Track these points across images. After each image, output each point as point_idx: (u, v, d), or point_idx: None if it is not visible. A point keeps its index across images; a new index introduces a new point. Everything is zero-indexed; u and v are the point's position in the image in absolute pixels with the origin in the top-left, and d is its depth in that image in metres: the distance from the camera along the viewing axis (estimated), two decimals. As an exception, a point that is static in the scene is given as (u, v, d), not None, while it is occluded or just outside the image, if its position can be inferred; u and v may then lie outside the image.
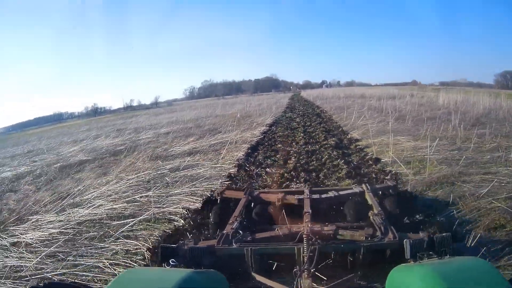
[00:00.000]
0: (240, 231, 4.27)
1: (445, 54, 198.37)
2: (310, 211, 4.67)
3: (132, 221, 6.03)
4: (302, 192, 5.60)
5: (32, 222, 6.63)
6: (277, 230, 4.34)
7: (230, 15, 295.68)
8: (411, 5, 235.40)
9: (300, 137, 13.93)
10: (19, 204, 8.24)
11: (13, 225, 6.70)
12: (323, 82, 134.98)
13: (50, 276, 4.36)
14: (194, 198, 7.05)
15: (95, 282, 4.42)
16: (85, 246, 5.33)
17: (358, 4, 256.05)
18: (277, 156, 10.85)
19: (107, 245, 5.22)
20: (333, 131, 15.04)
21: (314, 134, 14.68)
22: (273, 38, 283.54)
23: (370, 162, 9.13)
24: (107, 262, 4.71)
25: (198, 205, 6.56)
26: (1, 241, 5.84)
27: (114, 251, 5.07)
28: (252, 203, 5.51)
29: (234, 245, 3.90)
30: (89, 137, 23.44)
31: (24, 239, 5.81)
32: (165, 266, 3.29)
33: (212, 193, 6.69)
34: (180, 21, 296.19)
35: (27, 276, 4.58)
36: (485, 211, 5.39)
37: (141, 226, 5.87)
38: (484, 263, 2.02)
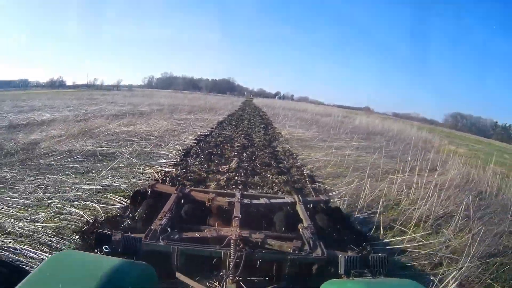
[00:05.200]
0: (168, 228, 4.43)
1: (407, 88, 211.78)
2: (240, 216, 4.84)
3: (184, 131, 16.68)
4: (233, 195, 5.86)
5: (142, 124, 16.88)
6: (206, 231, 4.57)
7: (196, 13, 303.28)
8: (378, 34, 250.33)
9: (246, 123, 25.47)
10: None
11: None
12: (276, 94, 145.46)
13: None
14: (201, 129, 17.82)
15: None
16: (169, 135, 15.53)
17: (327, 24, 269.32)
18: (233, 126, 22.07)
19: (178, 137, 15.45)
20: (265, 123, 26.47)
21: (254, 122, 26.38)
22: (237, 43, 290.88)
23: (275, 132, 20.50)
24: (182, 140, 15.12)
25: (206, 130, 17.51)
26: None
27: (186, 134, 15.62)
28: (182, 200, 5.74)
29: (161, 242, 4.05)
30: (98, 103, 32.77)
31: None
32: (97, 252, 3.02)
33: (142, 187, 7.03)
34: (148, 10, 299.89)
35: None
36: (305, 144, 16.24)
37: (188, 132, 16.41)
38: (418, 286, 2.19)
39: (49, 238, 5.28)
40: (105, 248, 3.06)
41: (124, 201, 6.93)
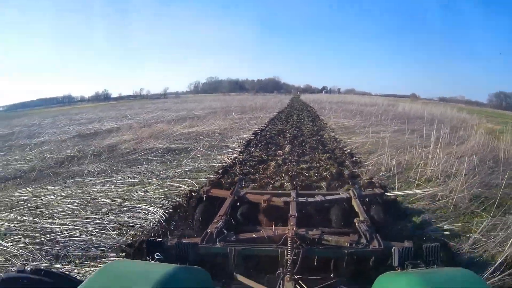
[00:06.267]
0: (225, 231, 4.52)
1: (451, 71, 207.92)
2: (296, 214, 4.94)
3: (241, 128, 19.25)
4: (288, 195, 5.98)
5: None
6: (262, 231, 4.62)
7: (236, 15, 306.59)
8: (420, 21, 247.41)
9: (295, 118, 27.72)
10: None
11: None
12: (323, 88, 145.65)
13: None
14: (256, 126, 20.40)
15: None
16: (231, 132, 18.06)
17: (369, 16, 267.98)
18: (284, 121, 24.52)
19: (237, 133, 17.95)
20: (313, 117, 28.61)
21: (303, 117, 28.56)
22: (280, 40, 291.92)
23: (322, 124, 22.82)
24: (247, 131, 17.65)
25: (261, 126, 20.13)
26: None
27: (244, 130, 18.18)
28: (238, 203, 5.93)
29: (218, 244, 4.15)
30: (152, 111, 36.09)
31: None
32: (149, 260, 3.36)
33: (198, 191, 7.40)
34: (188, 16, 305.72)
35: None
36: (350, 133, 18.44)
37: (244, 129, 18.92)
38: (472, 274, 2.11)
39: (159, 200, 7.39)
40: (157, 255, 3.38)
41: (207, 176, 9.35)
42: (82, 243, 5.50)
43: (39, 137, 19.19)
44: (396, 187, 8.45)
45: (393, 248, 3.74)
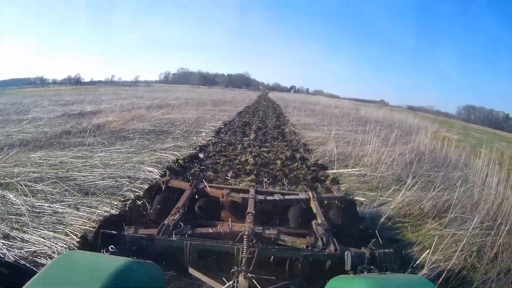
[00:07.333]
0: (181, 224, 4.48)
1: (422, 82, 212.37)
2: (253, 211, 4.96)
3: (212, 118, 21.54)
4: (247, 191, 5.98)
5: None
6: (219, 227, 4.66)
7: (209, 9, 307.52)
8: (395, 31, 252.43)
9: (261, 113, 30.05)
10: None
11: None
12: (292, 87, 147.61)
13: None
14: (225, 117, 22.71)
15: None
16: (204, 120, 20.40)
17: (341, 22, 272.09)
18: (250, 115, 26.79)
19: (209, 122, 20.19)
20: (278, 114, 31.07)
21: (268, 113, 31.03)
22: (251, 37, 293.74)
23: (285, 120, 25.23)
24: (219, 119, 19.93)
25: (230, 117, 22.47)
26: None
27: (214, 120, 20.43)
28: (196, 196, 5.84)
29: (174, 237, 4.14)
30: (127, 98, 37.47)
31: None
32: (104, 252, 3.29)
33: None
34: (162, 7, 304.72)
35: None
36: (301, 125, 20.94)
37: (215, 119, 21.25)
38: (426, 282, 2.13)
39: (155, 163, 9.35)
40: (111, 248, 3.34)
41: (187, 151, 11.50)
42: (103, 186, 7.51)
43: (27, 114, 20.03)
44: (335, 167, 10.82)
45: (346, 252, 3.90)
